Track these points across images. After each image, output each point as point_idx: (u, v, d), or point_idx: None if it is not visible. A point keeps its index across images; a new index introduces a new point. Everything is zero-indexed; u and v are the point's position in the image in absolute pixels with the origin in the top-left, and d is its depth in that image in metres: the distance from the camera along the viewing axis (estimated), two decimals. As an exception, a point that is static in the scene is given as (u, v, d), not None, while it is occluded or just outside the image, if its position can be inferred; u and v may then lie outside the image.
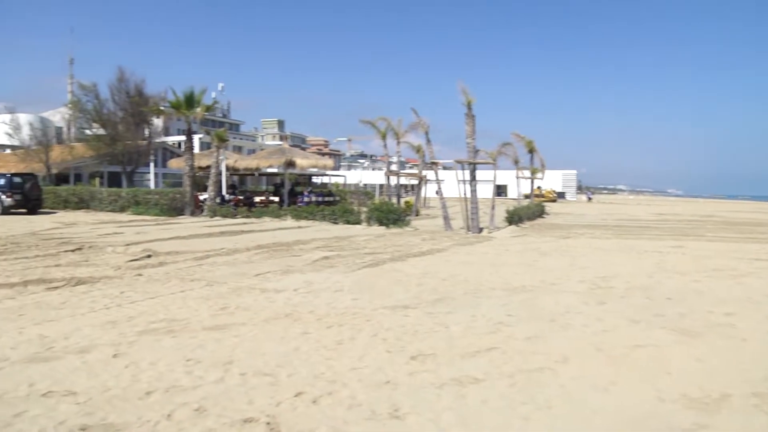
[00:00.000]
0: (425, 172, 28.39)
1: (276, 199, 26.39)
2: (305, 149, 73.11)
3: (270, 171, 30.45)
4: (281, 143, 66.45)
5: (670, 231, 19.22)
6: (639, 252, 12.47)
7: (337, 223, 18.89)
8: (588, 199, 71.51)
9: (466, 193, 17.21)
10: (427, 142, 19.24)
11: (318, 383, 3.94)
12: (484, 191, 20.43)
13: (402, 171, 32.55)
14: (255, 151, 47.79)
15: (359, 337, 5.12)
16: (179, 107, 22.95)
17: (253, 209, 23.13)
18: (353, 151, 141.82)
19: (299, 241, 13.05)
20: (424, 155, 25.99)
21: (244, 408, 3.49)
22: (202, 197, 23.47)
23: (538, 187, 46.56)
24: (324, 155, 70.92)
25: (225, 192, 25.06)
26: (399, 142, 27.05)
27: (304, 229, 16.65)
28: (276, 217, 20.63)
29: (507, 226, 19.39)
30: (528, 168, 28.63)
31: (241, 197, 25.81)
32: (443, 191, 18.59)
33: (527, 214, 22.95)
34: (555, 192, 64.58)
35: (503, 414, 3.50)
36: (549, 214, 29.34)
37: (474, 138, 16.68)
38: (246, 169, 28.03)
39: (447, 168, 40.66)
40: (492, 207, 19.74)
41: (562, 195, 70.98)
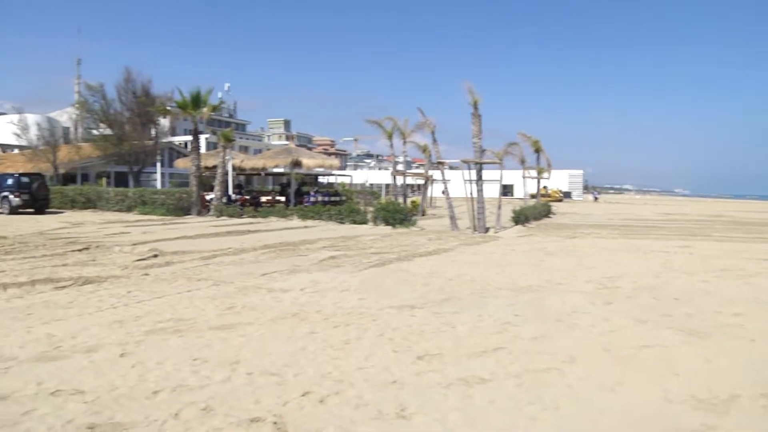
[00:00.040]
0: (431, 171, 28.43)
1: (282, 199, 26.42)
2: (311, 149, 73.39)
3: (276, 171, 30.52)
4: (287, 143, 66.44)
5: (677, 231, 19.10)
6: (646, 252, 12.40)
7: (344, 223, 18.91)
8: (594, 199, 71.29)
9: (472, 193, 17.19)
10: (434, 141, 19.22)
11: (325, 383, 3.94)
12: (490, 191, 20.42)
13: (408, 171, 32.54)
14: (261, 151, 47.86)
15: (366, 337, 5.12)
16: (186, 107, 23.05)
17: (260, 209, 23.19)
18: (359, 151, 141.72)
19: (306, 241, 13.08)
20: (430, 155, 26.05)
21: (251, 407, 3.49)
22: (208, 197, 23.57)
23: (544, 187, 46.52)
24: (330, 155, 71.05)
25: (231, 192, 25.16)
26: (405, 141, 27.07)
27: (310, 229, 16.68)
28: (282, 217, 20.68)
29: (513, 225, 19.35)
30: (534, 168, 28.55)
31: (248, 197, 25.87)
32: (449, 191, 18.57)
33: (533, 213, 22.89)
34: (561, 192, 64.46)
35: (510, 414, 3.49)
36: (555, 213, 29.27)
37: (480, 138, 16.65)
38: (252, 169, 28.11)
39: (453, 168, 40.67)
40: (498, 207, 19.69)
41: (568, 195, 70.84)
